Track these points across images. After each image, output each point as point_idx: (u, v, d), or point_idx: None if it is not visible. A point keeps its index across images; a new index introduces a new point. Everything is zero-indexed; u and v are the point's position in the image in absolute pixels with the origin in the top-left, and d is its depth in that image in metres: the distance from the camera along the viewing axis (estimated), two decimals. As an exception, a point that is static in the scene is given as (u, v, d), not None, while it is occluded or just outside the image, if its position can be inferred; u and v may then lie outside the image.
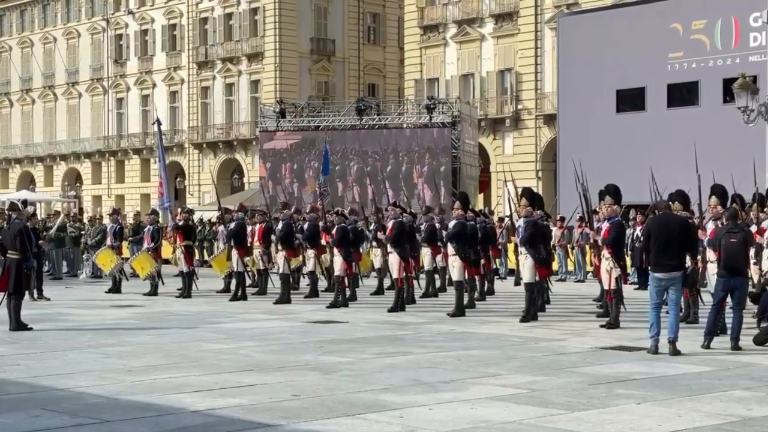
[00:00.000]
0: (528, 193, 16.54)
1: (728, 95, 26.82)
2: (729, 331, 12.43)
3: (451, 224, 17.20)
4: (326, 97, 52.16)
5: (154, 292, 21.53)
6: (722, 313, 12.88)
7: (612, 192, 15.00)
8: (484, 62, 45.73)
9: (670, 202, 13.95)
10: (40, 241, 21.49)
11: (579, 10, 40.29)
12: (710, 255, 13.84)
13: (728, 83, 27.08)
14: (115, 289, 22.40)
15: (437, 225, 20.17)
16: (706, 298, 14.67)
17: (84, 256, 28.66)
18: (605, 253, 14.95)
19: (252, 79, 54.97)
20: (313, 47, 54.72)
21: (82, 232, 29.27)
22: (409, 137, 35.28)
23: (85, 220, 32.57)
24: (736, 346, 12.10)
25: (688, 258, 13.06)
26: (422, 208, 23.20)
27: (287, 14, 53.39)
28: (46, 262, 26.58)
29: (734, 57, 31.46)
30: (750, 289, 13.35)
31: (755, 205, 15.48)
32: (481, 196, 41.09)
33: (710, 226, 14.33)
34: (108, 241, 23.51)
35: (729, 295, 12.39)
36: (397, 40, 55.37)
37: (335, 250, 19.02)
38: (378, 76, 57.13)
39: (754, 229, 14.38)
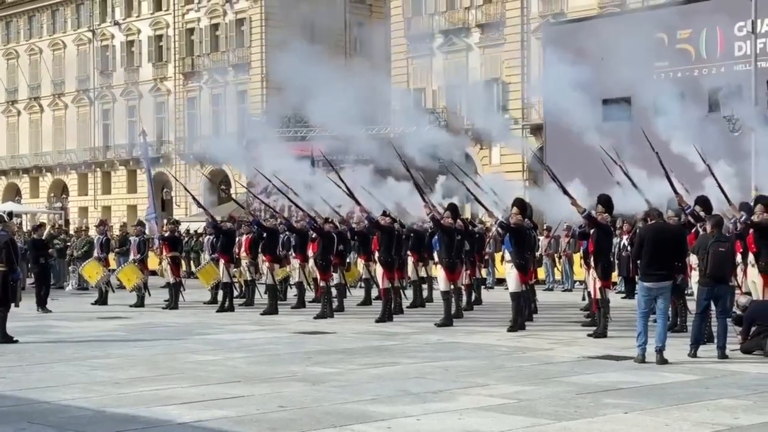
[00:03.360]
0: (519, 202, 16.55)
1: (714, 104, 26.93)
2: (715, 340, 12.45)
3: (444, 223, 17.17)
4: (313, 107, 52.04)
5: (140, 303, 21.46)
6: (708, 321, 12.90)
7: (603, 201, 15.03)
8: (470, 72, 45.80)
9: (670, 210, 14.01)
10: (50, 250, 21.53)
11: (565, 20, 40.43)
12: (693, 261, 13.80)
13: (713, 92, 27.20)
14: (102, 300, 22.31)
15: (426, 234, 20.17)
16: (694, 307, 14.69)
17: (70, 268, 28.55)
18: (591, 262, 14.98)
19: (239, 90, 54.96)
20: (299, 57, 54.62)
21: (68, 244, 29.18)
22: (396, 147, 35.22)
23: (72, 232, 32.46)
24: (722, 355, 12.12)
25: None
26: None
27: (274, 25, 53.41)
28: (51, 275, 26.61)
29: (719, 66, 31.62)
30: (737, 298, 13.39)
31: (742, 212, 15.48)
32: (468, 206, 41.07)
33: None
34: (95, 253, 23.44)
35: (713, 304, 12.41)
36: (383, 50, 55.39)
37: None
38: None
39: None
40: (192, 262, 31.22)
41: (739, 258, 13.76)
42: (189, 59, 56.75)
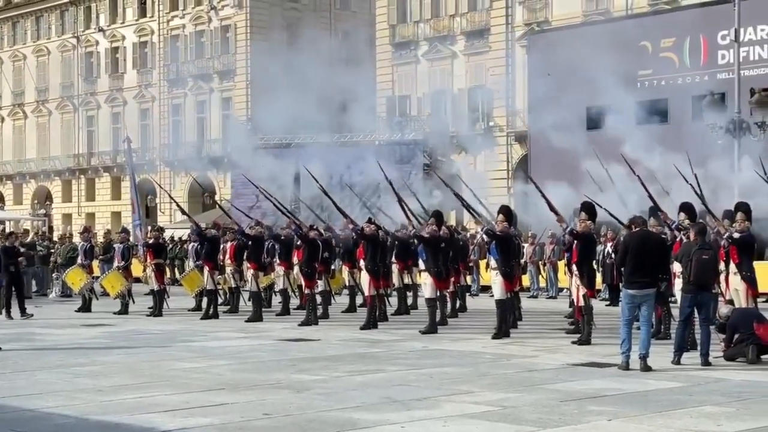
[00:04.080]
0: (505, 210, 16.59)
1: (697, 112, 27.08)
2: (699, 347, 12.50)
3: (425, 235, 17.20)
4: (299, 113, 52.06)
5: (124, 310, 21.39)
6: (691, 328, 12.95)
7: (587, 209, 15.08)
8: (455, 79, 45.89)
9: (652, 217, 14.07)
10: (20, 258, 21.44)
11: (549, 27, 40.57)
12: (676, 269, 13.85)
13: (697, 100, 27.35)
14: (85, 308, 22.24)
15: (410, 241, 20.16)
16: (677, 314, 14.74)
17: (53, 275, 28.43)
18: (575, 269, 15.03)
19: (224, 97, 54.91)
20: (284, 64, 54.63)
21: (52, 251, 29.06)
22: (381, 154, 35.29)
23: (55, 239, 32.33)
24: (706, 362, 12.16)
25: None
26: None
27: (258, 31, 53.40)
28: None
29: (702, 74, 31.77)
30: (719, 308, 13.45)
31: (725, 220, 15.57)
32: (453, 213, 41.14)
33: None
34: (78, 260, 23.36)
35: (697, 311, 12.46)
36: (368, 57, 55.43)
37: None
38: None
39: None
40: (176, 269, 31.14)
41: (722, 266, 13.83)
42: (173, 66, 56.68)
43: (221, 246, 21.75)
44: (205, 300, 20.88)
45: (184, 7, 56.21)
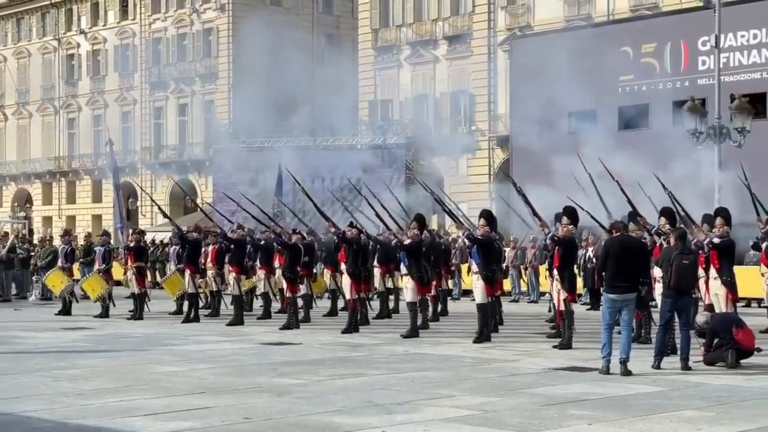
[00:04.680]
0: (486, 214, 16.62)
1: (678, 118, 27.21)
2: (679, 352, 12.55)
3: (407, 243, 17.23)
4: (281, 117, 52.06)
5: (105, 314, 21.31)
6: (671, 333, 13.01)
7: (569, 213, 15.13)
8: (437, 84, 45.96)
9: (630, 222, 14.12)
10: None
11: (532, 32, 40.71)
12: (657, 273, 13.91)
13: (678, 106, 27.48)
14: (66, 311, 22.14)
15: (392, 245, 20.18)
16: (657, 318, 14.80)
17: (33, 278, 28.30)
18: (556, 274, 15.07)
19: (206, 100, 54.81)
20: (267, 68, 54.60)
21: (32, 254, 28.92)
22: (363, 158, 35.34)
23: (35, 242, 32.18)
24: (686, 367, 12.22)
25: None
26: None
27: (241, 35, 53.30)
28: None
29: (683, 80, 31.95)
30: (701, 313, 13.52)
31: (704, 225, 15.66)
32: (435, 217, 41.21)
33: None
34: (59, 263, 23.26)
35: (677, 315, 12.52)
36: (351, 61, 55.43)
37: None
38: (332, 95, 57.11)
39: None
40: (157, 272, 31.03)
41: (701, 271, 13.91)
42: (155, 68, 56.53)
43: (203, 249, 21.70)
44: (186, 303, 20.82)
45: (166, 10, 56.09)
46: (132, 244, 21.71)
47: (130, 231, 24.35)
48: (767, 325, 16.65)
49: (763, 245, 16.98)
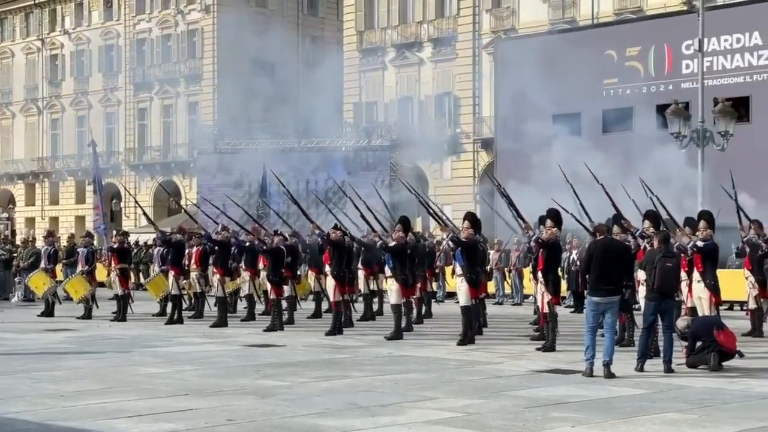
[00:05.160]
0: (470, 216, 16.65)
1: (661, 121, 27.32)
2: (662, 354, 12.59)
3: (391, 245, 17.24)
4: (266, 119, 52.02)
5: (88, 315, 21.23)
6: (654, 335, 13.05)
7: (553, 216, 15.16)
8: (422, 86, 46.00)
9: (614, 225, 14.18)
10: None
11: (516, 35, 40.79)
12: (640, 276, 13.96)
13: (661, 109, 27.59)
14: (48, 312, 22.05)
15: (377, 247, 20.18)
16: (641, 321, 14.85)
17: (16, 279, 28.18)
18: (540, 277, 15.11)
19: (190, 101, 54.68)
20: (252, 69, 54.57)
21: (14, 255, 28.79)
22: (347, 160, 35.36)
23: (18, 243, 32.03)
24: (668, 369, 12.26)
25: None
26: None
27: (226, 36, 53.20)
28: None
29: (667, 84, 32.07)
30: (681, 318, 13.57)
31: (687, 228, 15.73)
32: (419, 219, 41.24)
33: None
34: (42, 264, 23.17)
35: (660, 318, 12.56)
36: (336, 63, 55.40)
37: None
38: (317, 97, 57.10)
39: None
40: (141, 273, 30.94)
41: (684, 274, 13.96)
42: (140, 69, 56.38)
43: (186, 251, 21.64)
44: (169, 305, 20.76)
45: (150, 11, 55.95)
46: (115, 246, 21.65)
47: (114, 232, 24.28)
48: (749, 328, 16.75)
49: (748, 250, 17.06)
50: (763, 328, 16.81)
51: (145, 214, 24.80)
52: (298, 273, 21.48)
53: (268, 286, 19.08)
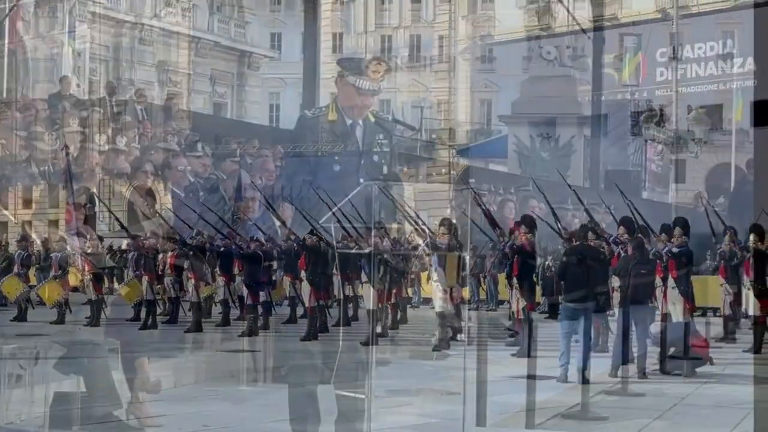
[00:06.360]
0: (447, 222, 16.66)
1: (636, 127, 27.49)
2: (636, 360, 12.63)
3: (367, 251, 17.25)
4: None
5: (61, 320, 21.07)
6: (628, 341, 13.08)
7: (527, 222, 15.19)
8: (397, 93, 45.99)
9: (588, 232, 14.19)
10: None
11: (492, 41, 40.91)
12: (614, 283, 14.02)
13: (636, 116, 27.76)
14: (21, 317, 21.86)
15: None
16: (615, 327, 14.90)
17: (-12, 284, 27.88)
18: (515, 282, 15.14)
19: (166, 105, 54.38)
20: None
21: (-13, 259, 28.51)
22: (326, 164, 35.34)
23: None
24: (642, 375, 12.30)
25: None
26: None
27: (203, 42, 53.05)
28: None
29: (642, 91, 32.27)
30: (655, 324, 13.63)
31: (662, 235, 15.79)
32: (395, 225, 41.21)
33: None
34: (15, 269, 22.97)
35: (634, 325, 12.60)
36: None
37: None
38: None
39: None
40: (115, 278, 30.72)
41: (658, 280, 14.01)
42: (115, 72, 56.02)
43: (161, 256, 21.52)
44: (143, 310, 20.63)
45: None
46: (89, 251, 21.50)
47: (88, 237, 24.11)
48: (722, 335, 16.84)
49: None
50: (736, 334, 16.91)
51: (118, 221, 24.66)
52: (274, 278, 21.41)
53: (245, 291, 18.98)
